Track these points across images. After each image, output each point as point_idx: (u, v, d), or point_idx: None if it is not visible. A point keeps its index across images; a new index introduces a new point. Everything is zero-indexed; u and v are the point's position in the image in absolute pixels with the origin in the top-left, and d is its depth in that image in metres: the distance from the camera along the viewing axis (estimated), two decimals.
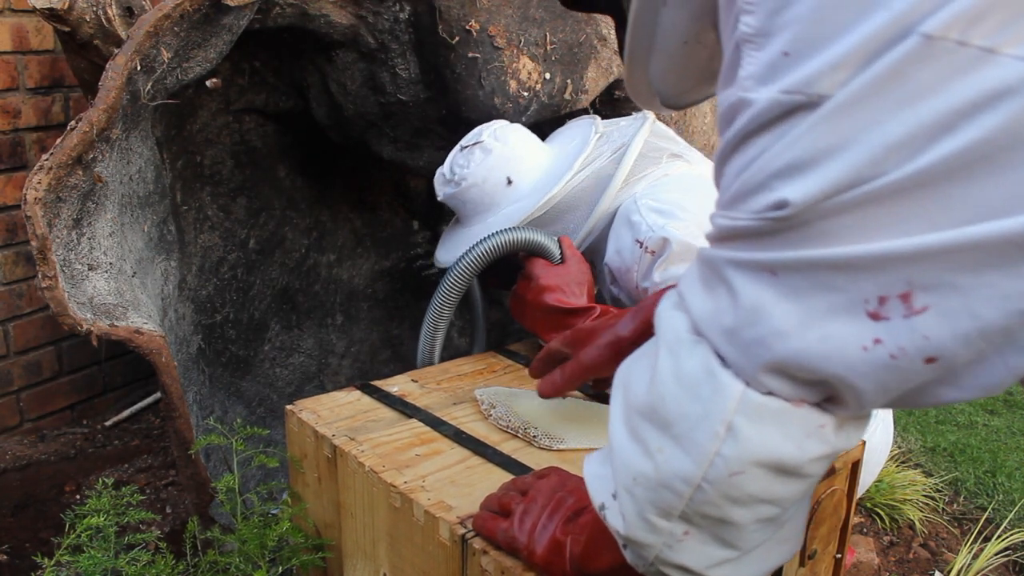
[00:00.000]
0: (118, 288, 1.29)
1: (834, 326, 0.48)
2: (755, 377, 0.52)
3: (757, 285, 0.50)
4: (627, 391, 0.63)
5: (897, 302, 0.47)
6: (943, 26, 0.42)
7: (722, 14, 0.52)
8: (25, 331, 2.23)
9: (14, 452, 2.15)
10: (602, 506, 0.67)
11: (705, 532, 0.60)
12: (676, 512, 0.59)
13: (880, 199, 0.45)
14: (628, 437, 0.62)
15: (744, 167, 0.50)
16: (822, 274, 0.48)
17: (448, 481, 1.01)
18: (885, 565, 1.95)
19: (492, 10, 1.61)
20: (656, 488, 0.59)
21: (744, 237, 0.51)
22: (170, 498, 1.97)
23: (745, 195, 0.50)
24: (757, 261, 0.50)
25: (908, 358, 0.47)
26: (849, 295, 0.48)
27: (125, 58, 1.20)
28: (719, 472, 0.55)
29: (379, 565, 1.07)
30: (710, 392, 0.54)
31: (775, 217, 0.48)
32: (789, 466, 0.55)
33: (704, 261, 0.55)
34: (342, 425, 1.15)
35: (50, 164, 1.15)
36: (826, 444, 0.55)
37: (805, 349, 0.49)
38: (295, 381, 2.11)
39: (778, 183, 0.47)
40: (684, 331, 0.56)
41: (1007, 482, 2.33)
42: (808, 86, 0.46)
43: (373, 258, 2.30)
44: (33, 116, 2.15)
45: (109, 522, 1.06)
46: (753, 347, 0.51)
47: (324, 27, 1.58)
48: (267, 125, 1.94)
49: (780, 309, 0.50)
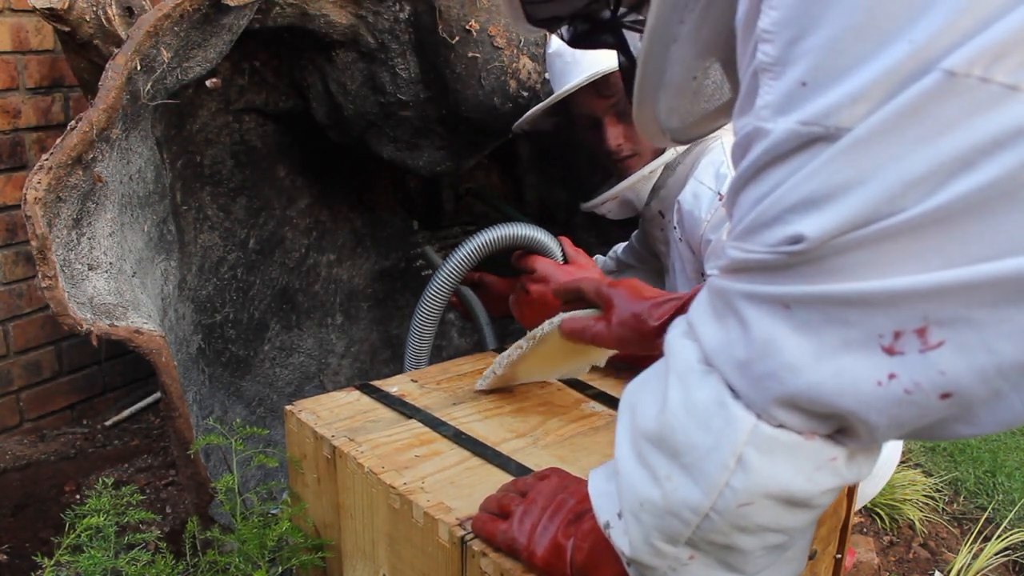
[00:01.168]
0: (118, 288, 1.29)
1: (848, 361, 0.48)
2: (766, 410, 0.52)
3: (770, 318, 0.50)
4: (635, 416, 0.63)
5: (912, 337, 0.46)
6: (966, 62, 0.41)
7: (740, 42, 0.52)
8: (25, 331, 2.23)
9: (14, 452, 2.16)
10: (607, 524, 0.67)
11: (711, 557, 0.60)
12: (682, 539, 0.59)
13: (897, 235, 0.45)
14: (636, 462, 0.61)
15: (759, 199, 0.49)
16: (836, 309, 0.47)
17: (448, 482, 1.01)
18: (885, 565, 1.95)
19: (492, 10, 1.61)
20: (663, 515, 0.59)
21: (758, 270, 0.50)
22: (170, 498, 1.97)
23: (760, 228, 0.49)
24: (770, 295, 0.50)
25: (923, 393, 0.47)
26: (863, 330, 0.47)
27: (125, 58, 1.20)
28: (728, 503, 0.55)
29: (378, 566, 1.07)
30: (721, 424, 0.54)
31: (790, 252, 0.47)
32: (799, 498, 0.55)
33: (716, 292, 0.55)
34: (341, 426, 1.15)
35: (50, 164, 1.15)
36: (837, 476, 0.54)
37: (818, 383, 0.49)
38: (295, 381, 2.11)
39: (794, 217, 0.47)
40: (695, 361, 0.56)
41: (1007, 482, 2.33)
42: (826, 118, 0.45)
43: (373, 258, 2.30)
44: (33, 116, 2.15)
45: (109, 522, 1.06)
46: (765, 380, 0.51)
47: (324, 27, 1.58)
48: (267, 125, 1.94)
49: (793, 343, 0.49)
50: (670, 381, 0.58)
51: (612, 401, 1.27)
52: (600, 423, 1.20)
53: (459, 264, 1.40)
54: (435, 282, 1.42)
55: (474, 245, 1.39)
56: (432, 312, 1.43)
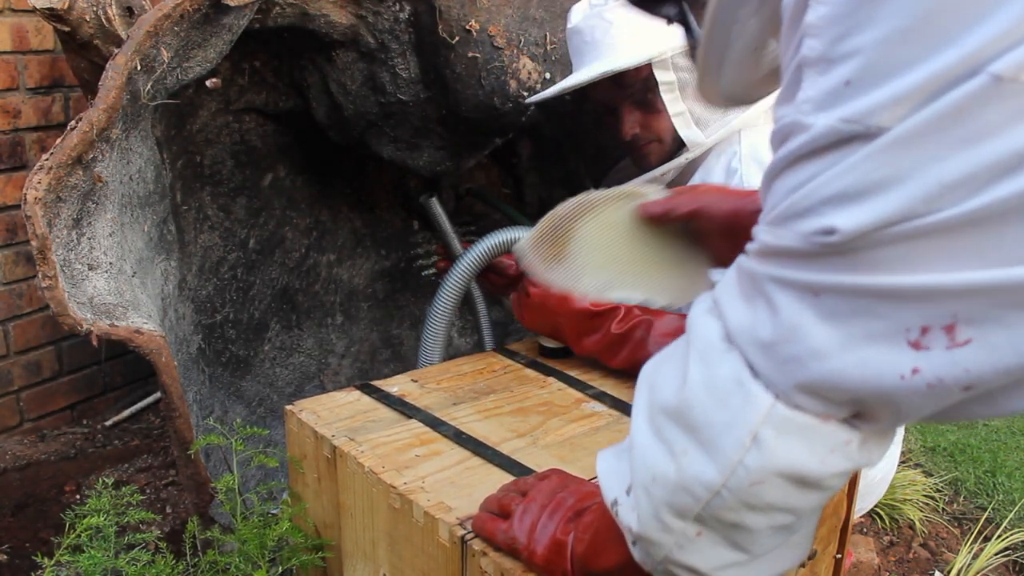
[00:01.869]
0: (118, 288, 1.29)
1: (872, 352, 0.48)
2: (786, 392, 0.53)
3: (798, 304, 0.50)
4: (653, 391, 0.63)
5: (940, 333, 0.46)
6: (1014, 67, 0.41)
7: (784, 31, 0.52)
8: (25, 331, 2.23)
9: (14, 452, 2.16)
10: (615, 502, 0.67)
11: (718, 535, 0.60)
12: (691, 514, 0.60)
13: (932, 233, 0.45)
14: (653, 437, 0.62)
15: (794, 188, 0.49)
16: (865, 301, 0.48)
17: (448, 482, 1.01)
18: (885, 565, 1.95)
19: (492, 10, 1.61)
20: (675, 490, 0.60)
21: (788, 256, 0.51)
22: (170, 498, 1.97)
23: (793, 217, 0.50)
24: (800, 281, 0.50)
25: (945, 388, 0.47)
26: (891, 323, 0.47)
27: (125, 58, 1.20)
28: (740, 481, 0.56)
29: (379, 566, 1.07)
30: (739, 402, 0.55)
31: (822, 242, 0.48)
32: (810, 479, 0.55)
33: (745, 273, 0.55)
34: (342, 425, 1.15)
35: (50, 164, 1.15)
36: (849, 460, 0.55)
37: (841, 371, 0.50)
38: (295, 381, 2.11)
39: (828, 210, 0.47)
40: (716, 339, 0.57)
41: (1007, 482, 2.33)
42: (867, 117, 0.45)
43: (373, 258, 2.30)
44: (33, 116, 2.15)
45: (109, 522, 1.06)
46: (788, 364, 0.52)
47: (324, 27, 1.58)
48: (267, 125, 1.94)
49: (819, 330, 0.50)
50: (691, 358, 0.59)
51: (612, 401, 1.27)
52: (600, 423, 1.20)
53: (476, 260, 1.40)
54: (452, 277, 1.43)
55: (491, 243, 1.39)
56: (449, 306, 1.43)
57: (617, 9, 1.33)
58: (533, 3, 1.66)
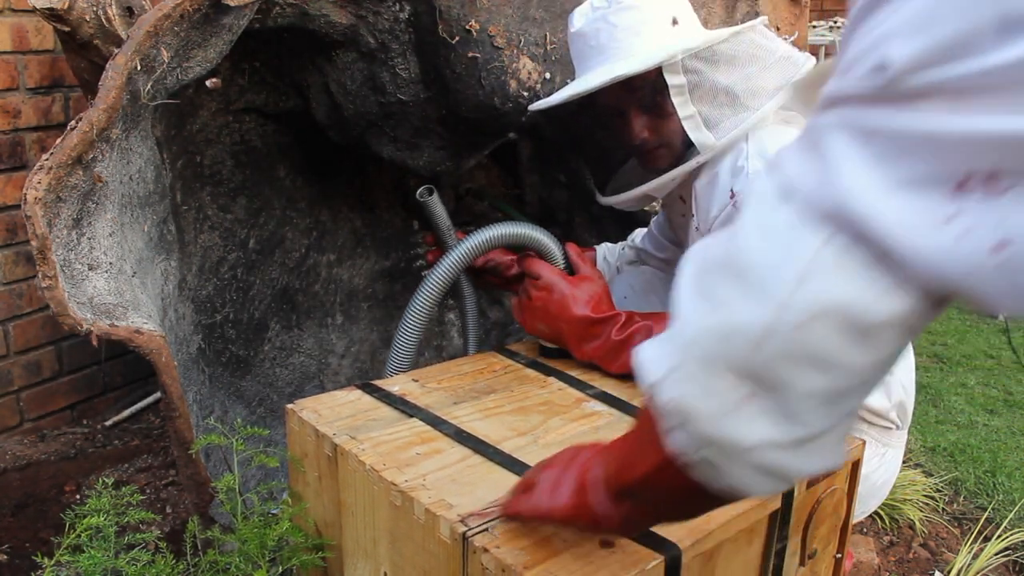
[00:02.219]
0: (118, 288, 1.29)
1: (913, 197, 0.50)
2: (834, 235, 0.53)
3: (848, 147, 0.52)
4: (704, 255, 0.63)
5: (981, 182, 0.47)
6: None
7: None
8: (25, 331, 2.23)
9: (14, 452, 2.15)
10: (654, 383, 0.65)
11: (768, 400, 0.59)
12: (737, 366, 0.58)
13: (982, 77, 0.46)
14: (695, 298, 0.62)
15: (860, 39, 0.51)
16: (911, 144, 0.49)
17: (449, 480, 1.01)
18: (885, 565, 1.95)
19: (492, 10, 1.61)
20: (721, 339, 0.59)
21: (845, 100, 0.52)
22: (170, 498, 1.97)
23: (855, 61, 0.51)
24: (854, 124, 0.52)
25: (977, 238, 0.48)
26: (934, 167, 0.48)
27: (125, 58, 1.20)
28: (787, 323, 0.55)
29: (380, 564, 1.07)
30: (789, 241, 0.55)
31: (877, 83, 0.49)
32: (859, 321, 0.55)
33: (808, 128, 0.57)
34: (343, 424, 1.15)
35: (50, 164, 1.15)
36: (899, 302, 0.54)
37: (881, 214, 0.51)
38: (295, 381, 2.11)
39: (884, 44, 0.49)
40: (771, 192, 0.58)
41: (1007, 482, 2.33)
42: None
43: (373, 258, 2.30)
44: (33, 116, 2.15)
45: (109, 522, 1.06)
46: (836, 206, 0.53)
47: (324, 27, 1.58)
48: (267, 125, 1.94)
49: (865, 173, 0.51)
50: (745, 211, 0.59)
51: (613, 401, 1.27)
52: (600, 422, 1.20)
53: (465, 254, 1.40)
54: (438, 270, 1.42)
55: (480, 239, 1.39)
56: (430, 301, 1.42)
57: (621, 12, 1.33)
58: (533, 3, 1.66)
